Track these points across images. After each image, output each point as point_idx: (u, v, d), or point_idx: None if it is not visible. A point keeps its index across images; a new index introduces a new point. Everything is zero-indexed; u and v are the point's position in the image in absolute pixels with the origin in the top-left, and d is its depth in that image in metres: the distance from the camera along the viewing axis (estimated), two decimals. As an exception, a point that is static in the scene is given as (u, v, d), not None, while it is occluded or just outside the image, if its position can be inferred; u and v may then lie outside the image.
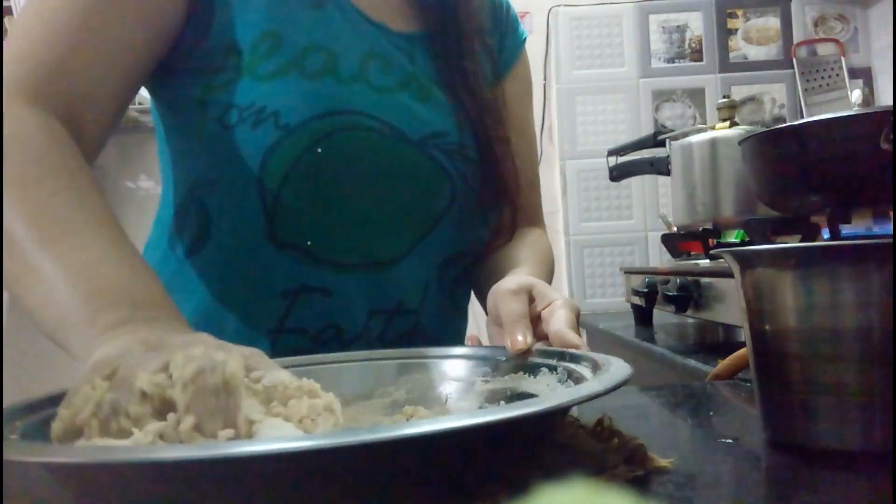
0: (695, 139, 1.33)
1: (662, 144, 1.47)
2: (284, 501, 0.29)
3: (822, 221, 0.95)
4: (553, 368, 0.48)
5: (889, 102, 1.95)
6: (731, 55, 2.08)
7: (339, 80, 0.64)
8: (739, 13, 2.08)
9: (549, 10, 2.10)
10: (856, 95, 1.17)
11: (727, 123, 1.33)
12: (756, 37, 2.08)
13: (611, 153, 1.59)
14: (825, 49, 2.06)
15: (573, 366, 0.47)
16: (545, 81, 2.13)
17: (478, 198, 0.73)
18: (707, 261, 1.25)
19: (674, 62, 2.08)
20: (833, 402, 0.41)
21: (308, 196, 0.64)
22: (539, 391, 0.48)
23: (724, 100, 1.36)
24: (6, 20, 1.86)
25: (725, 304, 0.99)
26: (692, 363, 0.93)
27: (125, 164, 2.21)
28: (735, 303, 0.93)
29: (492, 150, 0.73)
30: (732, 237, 1.29)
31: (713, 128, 1.33)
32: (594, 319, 1.70)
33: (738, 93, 2.05)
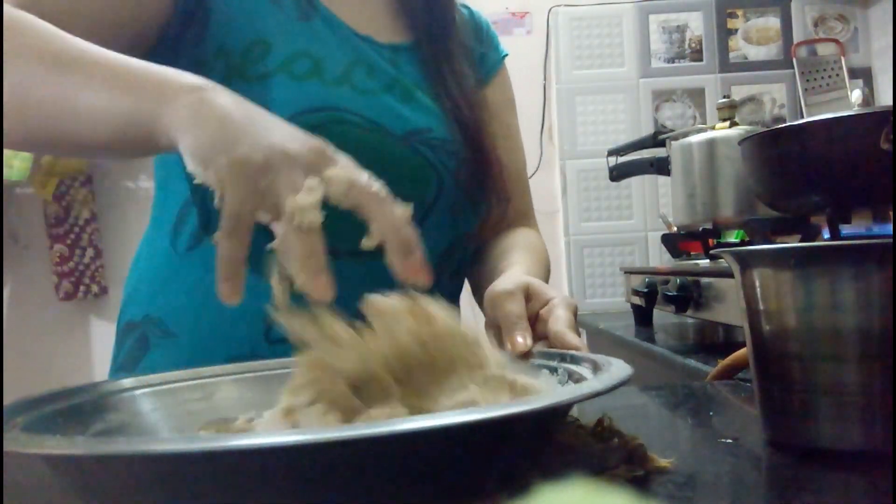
0: (695, 139, 1.33)
1: (662, 144, 1.47)
2: (282, 495, 0.29)
3: (822, 221, 0.95)
4: (553, 370, 0.48)
5: (889, 102, 1.95)
6: (731, 55, 2.08)
7: (325, 83, 0.68)
8: (739, 13, 2.08)
9: (549, 10, 2.10)
10: (856, 95, 1.17)
11: (727, 123, 1.32)
12: (756, 37, 2.08)
13: (611, 153, 1.59)
14: (825, 49, 2.06)
15: (574, 367, 0.47)
16: (545, 81, 2.13)
17: (466, 191, 0.74)
18: (707, 261, 1.25)
19: (674, 62, 2.08)
20: (833, 402, 0.41)
21: None
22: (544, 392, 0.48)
23: (724, 100, 1.36)
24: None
25: (725, 304, 0.99)
26: (692, 363, 0.93)
27: (125, 164, 2.21)
28: (735, 303, 0.93)
29: (477, 144, 0.75)
30: (732, 237, 1.29)
31: (713, 128, 1.33)
32: (594, 319, 1.70)
33: (738, 93, 2.05)
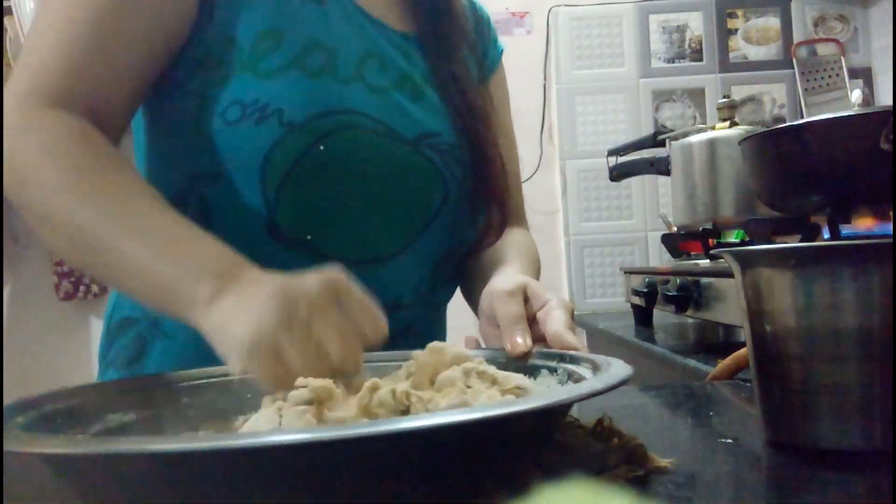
0: (695, 139, 1.33)
1: (662, 144, 1.47)
2: (282, 494, 0.29)
3: (822, 221, 0.95)
4: (553, 370, 0.48)
5: (889, 102, 1.95)
6: (731, 55, 2.08)
7: (339, 80, 0.66)
8: (739, 13, 2.08)
9: (549, 10, 2.10)
10: (856, 95, 1.17)
11: (727, 123, 1.33)
12: (756, 37, 2.08)
13: (611, 153, 1.59)
14: (825, 49, 2.06)
15: (573, 367, 0.47)
16: (545, 81, 2.13)
17: (469, 199, 0.74)
18: (707, 261, 1.25)
19: (674, 62, 2.08)
20: (833, 402, 0.41)
21: (309, 192, 0.65)
22: (538, 392, 0.48)
23: (724, 100, 1.36)
24: (6, 20, 1.86)
25: (725, 304, 0.99)
26: (692, 363, 0.93)
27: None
28: (735, 303, 0.93)
29: (483, 152, 0.74)
30: (732, 237, 1.29)
31: (713, 128, 1.33)
32: (594, 319, 1.70)
33: (738, 93, 2.04)
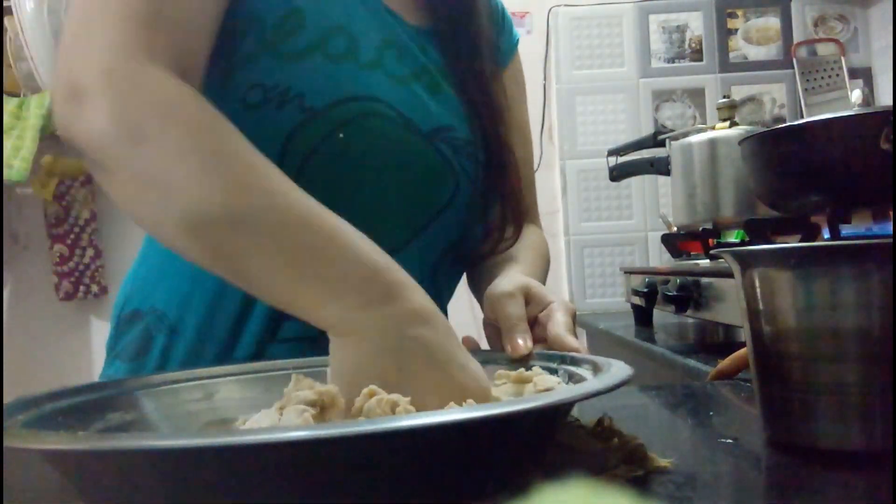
0: (695, 139, 1.33)
1: (662, 144, 1.47)
2: (283, 492, 0.29)
3: (822, 221, 0.95)
4: (553, 371, 0.49)
5: (889, 102, 1.95)
6: (731, 55, 2.08)
7: (360, 66, 0.65)
8: (739, 13, 2.08)
9: (549, 10, 2.10)
10: (856, 95, 1.17)
11: (727, 123, 1.33)
12: (756, 37, 2.08)
13: (611, 153, 1.59)
14: (825, 49, 2.06)
15: (574, 368, 0.47)
16: (545, 81, 2.13)
17: (481, 197, 0.74)
18: (707, 261, 1.25)
19: (674, 62, 2.08)
20: (833, 402, 0.41)
21: (325, 179, 0.64)
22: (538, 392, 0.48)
23: (724, 100, 1.36)
24: (6, 20, 1.87)
25: (725, 304, 0.99)
26: (692, 363, 0.93)
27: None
28: (735, 303, 0.93)
29: (498, 152, 0.74)
30: (732, 237, 1.29)
31: (713, 128, 1.33)
32: (594, 319, 1.70)
33: (738, 93, 2.04)
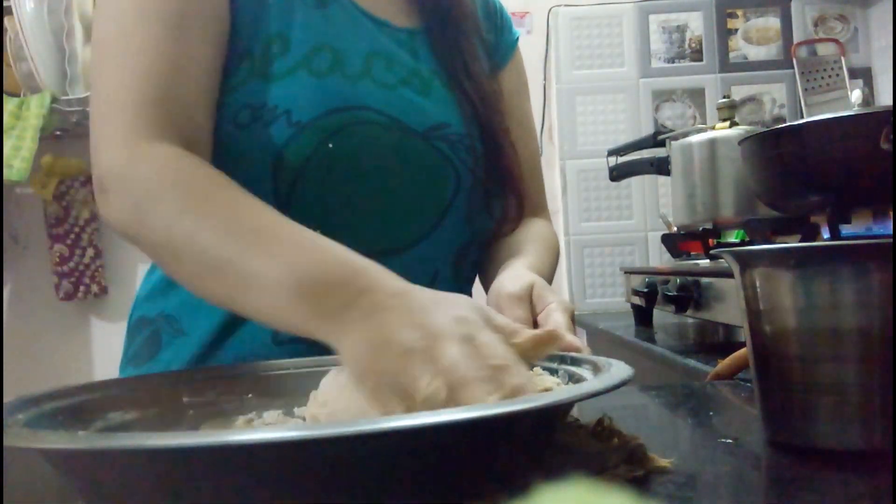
0: (695, 139, 1.33)
1: (662, 144, 1.47)
2: (282, 492, 0.29)
3: (822, 221, 0.95)
4: (553, 371, 0.49)
5: (889, 102, 1.95)
6: (731, 55, 2.08)
7: (346, 78, 0.66)
8: (739, 13, 2.08)
9: (549, 10, 2.10)
10: (856, 95, 1.17)
11: (727, 123, 1.32)
12: (756, 37, 2.08)
13: (611, 153, 1.59)
14: (825, 49, 2.06)
15: (574, 368, 0.47)
16: (545, 81, 2.12)
17: (483, 188, 0.74)
18: (707, 261, 1.25)
19: (674, 62, 2.07)
20: (833, 402, 0.41)
21: (320, 189, 0.66)
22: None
23: (724, 100, 1.36)
24: (6, 20, 1.86)
25: (725, 304, 0.99)
26: (692, 363, 0.93)
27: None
28: (735, 303, 0.93)
29: (495, 141, 0.74)
30: (732, 237, 1.29)
31: (713, 128, 1.33)
32: (594, 319, 1.70)
33: (738, 93, 2.04)
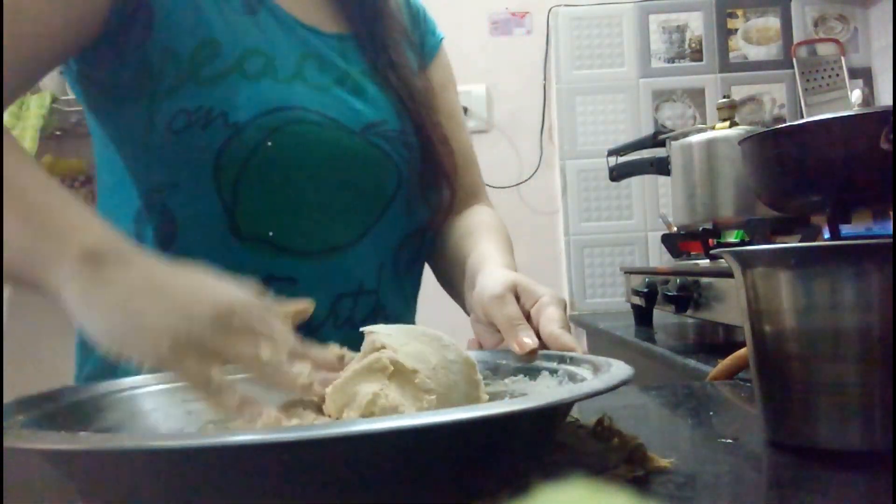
0: (695, 139, 1.33)
1: (662, 144, 1.47)
2: (282, 492, 0.29)
3: (822, 221, 0.95)
4: (553, 371, 0.48)
5: (889, 102, 1.95)
6: (731, 55, 2.08)
7: (278, 80, 0.68)
8: (739, 13, 2.08)
9: (549, 10, 2.10)
10: (856, 95, 1.17)
11: (727, 123, 1.33)
12: (756, 37, 2.08)
13: (611, 153, 1.59)
14: (825, 49, 2.06)
15: (574, 368, 0.47)
16: (545, 81, 2.13)
17: (421, 180, 0.76)
18: (707, 261, 1.25)
19: (674, 62, 2.08)
20: (833, 402, 0.41)
21: (264, 188, 0.67)
22: (539, 392, 0.48)
23: (724, 100, 1.36)
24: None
25: (725, 304, 0.99)
26: (692, 363, 0.93)
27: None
28: (735, 303, 0.93)
29: (428, 135, 0.76)
30: (732, 237, 1.29)
31: (713, 128, 1.33)
32: (594, 319, 1.70)
33: (738, 93, 2.04)
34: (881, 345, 0.40)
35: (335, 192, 0.70)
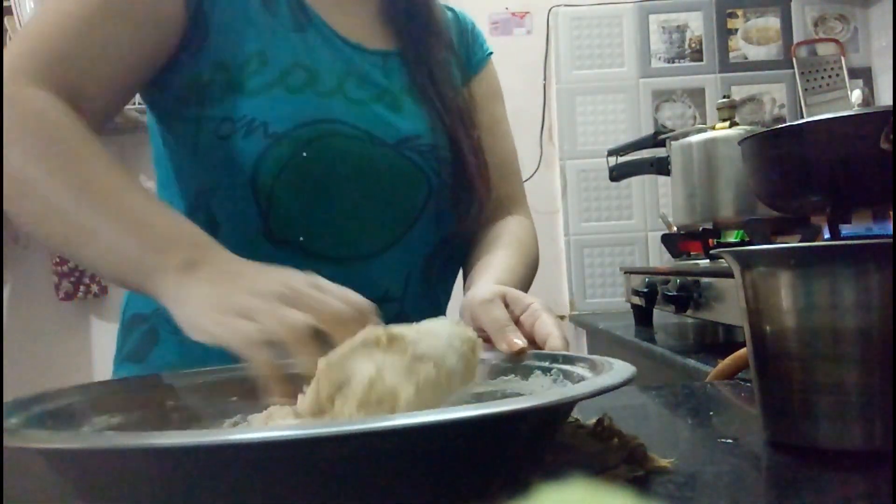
0: (695, 139, 1.33)
1: (662, 144, 1.47)
2: (282, 492, 0.29)
3: (822, 221, 0.95)
4: (547, 370, 0.48)
5: (889, 102, 1.95)
6: (731, 55, 2.08)
7: (319, 94, 0.71)
8: (739, 13, 2.08)
9: (549, 10, 2.10)
10: (856, 95, 1.18)
11: (727, 123, 1.33)
12: (756, 37, 2.08)
13: (611, 153, 1.59)
14: (825, 49, 2.06)
15: (568, 367, 0.47)
16: (545, 81, 2.13)
17: (453, 194, 0.77)
18: (707, 261, 1.25)
19: (674, 62, 2.08)
20: (833, 402, 0.41)
21: (297, 195, 0.70)
22: (532, 392, 0.48)
23: (724, 100, 1.36)
24: (6, 20, 1.86)
25: (725, 304, 0.99)
26: (692, 363, 0.93)
27: (124, 164, 2.21)
28: (735, 303, 0.93)
29: (460, 149, 0.77)
30: (732, 237, 1.29)
31: (713, 128, 1.33)
32: (594, 319, 1.70)
33: (738, 93, 2.04)
34: (881, 345, 0.40)
35: (366, 203, 0.72)
